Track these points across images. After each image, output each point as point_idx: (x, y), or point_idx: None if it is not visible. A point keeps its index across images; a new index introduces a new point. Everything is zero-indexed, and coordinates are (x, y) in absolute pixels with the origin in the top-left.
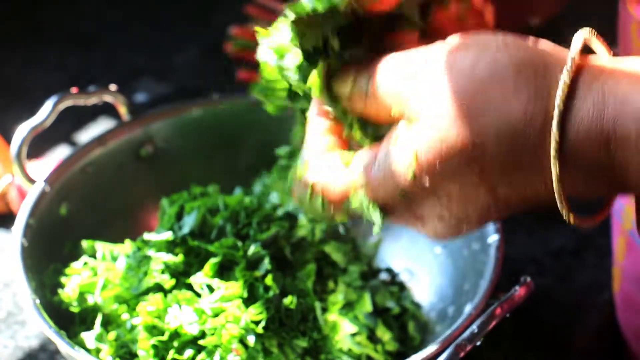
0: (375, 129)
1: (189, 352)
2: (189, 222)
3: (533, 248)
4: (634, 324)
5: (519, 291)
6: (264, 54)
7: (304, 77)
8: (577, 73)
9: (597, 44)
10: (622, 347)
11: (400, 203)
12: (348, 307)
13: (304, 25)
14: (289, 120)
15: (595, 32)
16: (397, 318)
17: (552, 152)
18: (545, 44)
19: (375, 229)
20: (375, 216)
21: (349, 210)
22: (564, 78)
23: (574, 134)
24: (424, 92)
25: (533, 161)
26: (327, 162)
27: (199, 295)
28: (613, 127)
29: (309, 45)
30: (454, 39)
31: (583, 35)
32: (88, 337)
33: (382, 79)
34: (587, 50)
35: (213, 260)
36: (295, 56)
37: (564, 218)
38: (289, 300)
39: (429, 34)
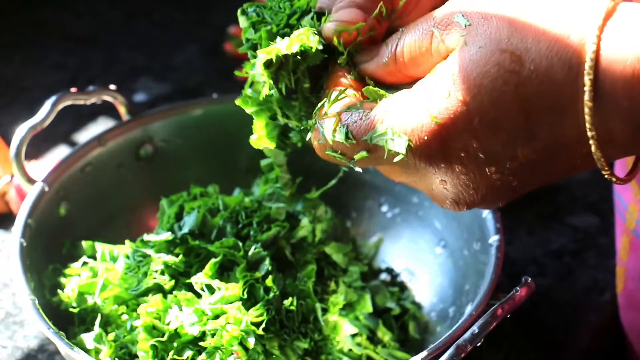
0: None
1: (189, 353)
2: (189, 222)
3: (534, 248)
4: (637, 322)
5: (520, 292)
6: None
7: (284, 112)
8: (616, 3)
9: None
10: (623, 347)
11: (428, 129)
12: (348, 307)
13: (275, 67)
14: None
15: None
16: (398, 318)
17: (588, 63)
18: None
19: (398, 157)
20: (400, 145)
21: (371, 143)
22: (606, 3)
23: (610, 49)
24: (465, 17)
25: (567, 80)
26: (354, 98)
27: (199, 295)
28: None
29: (282, 85)
30: None
31: None
32: (87, 337)
33: (417, 23)
34: None
35: (214, 260)
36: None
37: (595, 158)
38: (289, 302)
39: None
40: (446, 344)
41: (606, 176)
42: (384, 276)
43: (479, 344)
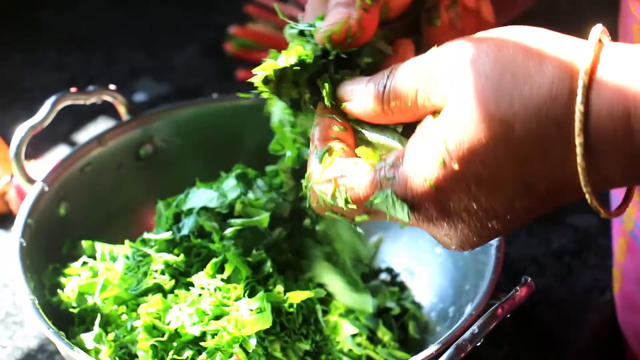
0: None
1: (188, 353)
2: (188, 224)
3: (534, 248)
4: (634, 324)
5: (520, 291)
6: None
7: (293, 124)
8: (599, 52)
9: (607, 39)
10: (622, 348)
11: (428, 196)
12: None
13: (275, 82)
14: None
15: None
16: (398, 318)
17: (577, 125)
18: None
19: (402, 225)
20: (402, 213)
21: (371, 208)
22: (589, 54)
23: (597, 108)
24: (449, 77)
25: (559, 139)
26: (349, 161)
27: (199, 295)
28: (634, 103)
29: (286, 98)
30: (473, 35)
31: (599, 28)
32: (87, 337)
33: (404, 73)
34: None
35: (215, 260)
36: (280, 110)
37: (589, 203)
38: (289, 304)
39: (426, 45)
40: (446, 344)
41: (601, 215)
42: (384, 276)
43: (479, 344)
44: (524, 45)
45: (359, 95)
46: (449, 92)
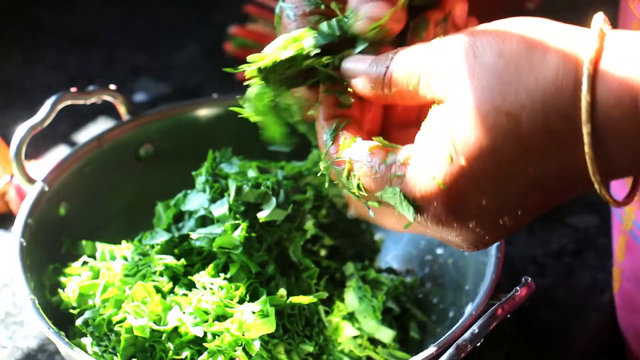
0: None
1: (187, 353)
2: (189, 225)
3: (534, 248)
4: (634, 324)
5: (520, 292)
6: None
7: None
8: (603, 40)
9: (608, 28)
10: (622, 348)
11: (437, 195)
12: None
13: (267, 72)
14: None
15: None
16: (398, 319)
17: (584, 115)
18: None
19: (407, 224)
20: (408, 213)
21: (381, 199)
22: (593, 43)
23: (604, 97)
24: (453, 71)
25: (567, 130)
26: (365, 147)
27: (201, 295)
28: None
29: (272, 85)
30: (476, 28)
31: (600, 17)
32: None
33: (407, 57)
34: None
35: (217, 261)
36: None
37: (598, 192)
38: (290, 306)
39: None
40: (446, 344)
41: (610, 204)
42: (384, 276)
43: (479, 344)
44: (527, 36)
45: (361, 74)
46: (452, 86)
